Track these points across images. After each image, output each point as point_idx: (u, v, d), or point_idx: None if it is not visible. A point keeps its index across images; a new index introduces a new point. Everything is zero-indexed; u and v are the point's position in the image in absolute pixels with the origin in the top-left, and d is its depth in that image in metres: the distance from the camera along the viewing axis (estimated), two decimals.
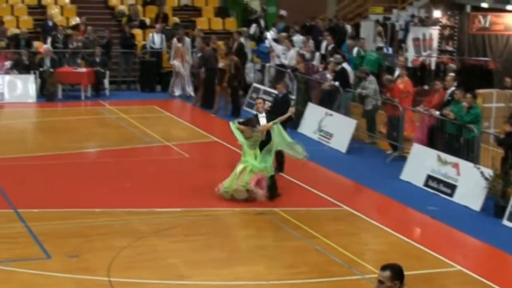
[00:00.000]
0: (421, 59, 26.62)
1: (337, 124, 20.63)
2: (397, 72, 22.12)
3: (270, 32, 29.30)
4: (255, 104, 17.15)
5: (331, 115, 20.98)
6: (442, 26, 26.90)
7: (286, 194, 16.15)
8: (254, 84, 25.85)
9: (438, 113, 17.99)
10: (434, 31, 27.04)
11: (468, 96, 17.29)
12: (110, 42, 28.16)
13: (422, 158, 17.30)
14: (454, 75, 19.80)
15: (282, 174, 17.30)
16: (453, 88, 18.55)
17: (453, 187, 16.23)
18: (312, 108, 21.97)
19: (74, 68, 26.57)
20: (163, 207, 14.97)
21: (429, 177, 16.87)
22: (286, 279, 11.79)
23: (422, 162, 17.19)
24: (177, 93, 27.00)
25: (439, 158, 16.79)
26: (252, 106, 22.51)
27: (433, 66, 26.23)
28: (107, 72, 26.89)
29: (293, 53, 25.86)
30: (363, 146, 20.50)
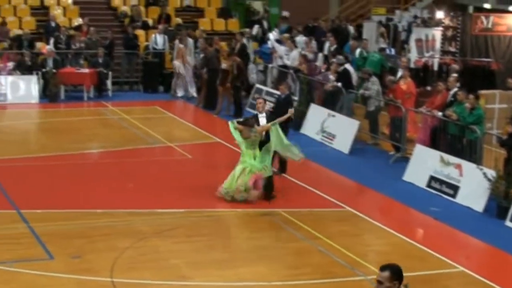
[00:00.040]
0: (423, 60, 26.59)
1: (339, 125, 20.62)
2: (399, 73, 22.11)
3: (272, 33, 29.30)
4: (255, 104, 17.16)
5: (334, 116, 20.97)
6: (445, 27, 26.87)
7: (288, 195, 16.16)
8: (257, 85, 25.85)
9: (440, 114, 17.97)
10: (436, 32, 27.01)
11: (470, 97, 17.28)
12: (113, 43, 28.17)
13: (424, 159, 17.28)
14: (457, 76, 19.80)
15: (284, 175, 17.32)
16: (455, 89, 18.55)
17: (455, 188, 16.22)
18: (314, 109, 21.97)
19: (76, 69, 26.57)
20: (166, 208, 14.97)
21: (431, 178, 16.85)
22: (288, 280, 11.78)
23: (424, 163, 17.17)
24: (179, 93, 27.01)
25: (442, 159, 16.78)
26: (254, 107, 22.46)
27: (435, 67, 26.19)
28: (110, 73, 26.89)
29: (295, 54, 25.85)
30: (366, 147, 20.48)
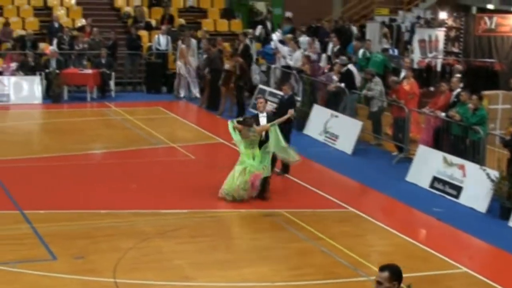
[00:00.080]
0: (427, 61, 26.58)
1: (342, 125, 20.62)
2: (403, 73, 22.10)
3: (275, 33, 29.31)
4: (256, 103, 17.17)
5: (337, 117, 20.97)
6: (448, 27, 26.87)
7: (291, 196, 16.18)
8: (260, 85, 25.85)
9: (444, 114, 17.96)
10: (440, 33, 26.99)
11: (474, 97, 17.26)
12: (116, 43, 28.19)
13: (427, 160, 17.27)
14: (460, 77, 19.78)
15: (287, 175, 17.32)
16: (459, 89, 18.52)
17: (459, 189, 16.20)
18: (317, 109, 21.96)
19: (80, 69, 26.59)
20: (169, 209, 14.97)
21: (434, 178, 16.84)
22: (291, 281, 11.79)
23: (427, 164, 17.16)
24: (182, 94, 27.02)
25: (445, 160, 16.77)
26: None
27: (439, 68, 26.19)
28: (113, 73, 26.91)
29: (298, 54, 25.85)
30: (369, 147, 20.47)
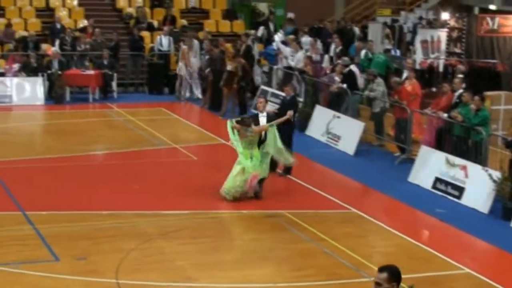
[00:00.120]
0: (429, 61, 26.57)
1: (345, 126, 20.61)
2: (405, 74, 22.08)
3: (278, 34, 29.31)
4: (256, 103, 17.16)
5: (339, 118, 20.96)
6: (450, 28, 26.85)
7: (293, 197, 16.18)
8: (262, 86, 25.84)
9: (446, 115, 17.95)
10: (442, 33, 26.99)
11: (476, 98, 17.25)
12: (118, 44, 28.21)
13: (430, 161, 17.26)
14: (462, 77, 19.77)
15: (289, 176, 17.32)
16: (461, 90, 18.51)
17: (461, 190, 16.19)
18: (320, 110, 21.96)
19: (82, 70, 26.61)
20: (171, 210, 14.98)
21: (437, 179, 16.83)
22: (293, 282, 11.78)
23: (430, 165, 17.16)
24: (184, 95, 27.01)
25: (447, 161, 16.76)
26: None
27: (441, 68, 26.18)
28: (115, 74, 26.93)
29: (300, 55, 25.85)
30: (371, 148, 20.47)
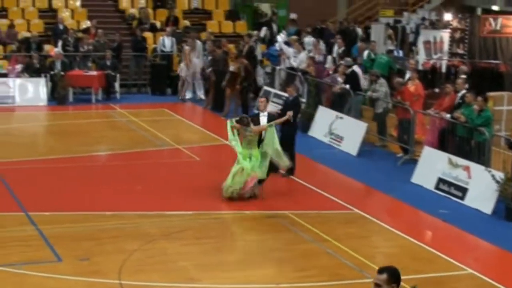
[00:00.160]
0: (431, 62, 26.58)
1: (347, 127, 20.60)
2: (407, 75, 22.09)
3: (280, 35, 29.31)
4: (258, 102, 17.17)
5: (342, 118, 20.96)
6: (453, 29, 26.86)
7: (296, 197, 16.18)
8: (265, 87, 25.84)
9: (449, 116, 17.94)
10: (444, 34, 27.00)
11: (479, 99, 17.24)
12: (121, 45, 28.22)
13: (433, 161, 17.25)
14: (465, 78, 19.76)
15: (292, 177, 17.32)
16: (464, 91, 18.51)
17: (464, 190, 16.18)
18: (322, 111, 21.95)
19: (84, 71, 26.62)
20: (174, 210, 14.98)
21: (440, 180, 16.82)
22: (296, 282, 11.78)
23: (433, 165, 17.14)
24: (187, 96, 27.03)
25: (450, 161, 16.75)
26: None
27: (443, 69, 26.19)
28: (118, 75, 26.92)
29: (303, 56, 25.85)
30: (374, 149, 20.45)
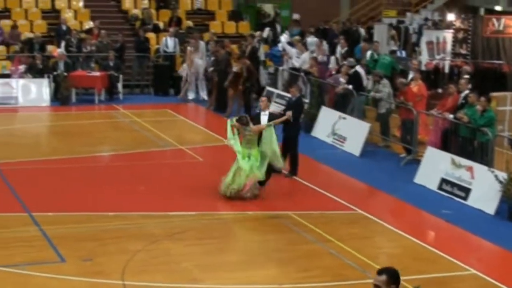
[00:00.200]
0: (434, 63, 26.55)
1: (350, 127, 20.60)
2: (410, 75, 22.06)
3: (283, 35, 29.31)
4: (260, 102, 17.21)
5: (345, 119, 20.96)
6: (456, 29, 26.83)
7: (299, 198, 16.19)
8: (268, 87, 25.84)
9: (452, 116, 17.93)
10: (447, 34, 26.97)
11: (482, 99, 17.23)
12: (124, 46, 28.23)
13: (436, 162, 17.25)
14: (468, 78, 19.75)
15: (295, 177, 17.32)
16: (467, 91, 18.50)
17: (467, 191, 16.17)
18: (325, 111, 21.95)
19: (87, 72, 26.64)
20: (177, 211, 14.98)
21: (443, 180, 16.81)
22: (299, 283, 11.77)
23: (436, 166, 17.13)
24: (190, 97, 27.04)
25: (453, 162, 16.73)
26: None
27: (446, 70, 26.16)
28: (121, 76, 26.94)
29: (306, 56, 25.85)
30: (377, 149, 20.45)
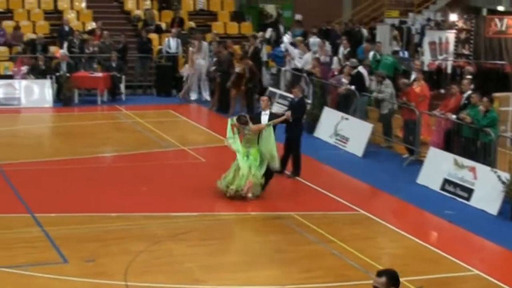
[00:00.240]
0: (437, 63, 26.55)
1: (353, 128, 20.59)
2: (413, 76, 22.08)
3: (286, 36, 29.31)
4: (260, 101, 17.24)
5: (347, 119, 20.95)
6: (458, 29, 26.83)
7: (302, 198, 16.18)
8: (270, 88, 25.84)
9: (454, 117, 17.92)
10: (450, 35, 26.96)
11: (484, 99, 17.21)
12: (126, 46, 28.24)
13: (438, 162, 17.23)
14: (471, 79, 19.74)
15: (298, 178, 17.31)
16: (469, 91, 18.48)
17: (470, 191, 16.16)
18: (328, 112, 21.94)
19: (90, 73, 26.65)
20: (179, 212, 14.98)
21: (445, 181, 16.80)
22: (302, 283, 11.77)
23: (438, 166, 17.13)
24: (192, 97, 27.05)
25: (456, 162, 16.72)
26: None
27: (449, 70, 26.16)
28: (123, 76, 26.95)
29: (308, 57, 25.84)
30: (379, 150, 20.45)
